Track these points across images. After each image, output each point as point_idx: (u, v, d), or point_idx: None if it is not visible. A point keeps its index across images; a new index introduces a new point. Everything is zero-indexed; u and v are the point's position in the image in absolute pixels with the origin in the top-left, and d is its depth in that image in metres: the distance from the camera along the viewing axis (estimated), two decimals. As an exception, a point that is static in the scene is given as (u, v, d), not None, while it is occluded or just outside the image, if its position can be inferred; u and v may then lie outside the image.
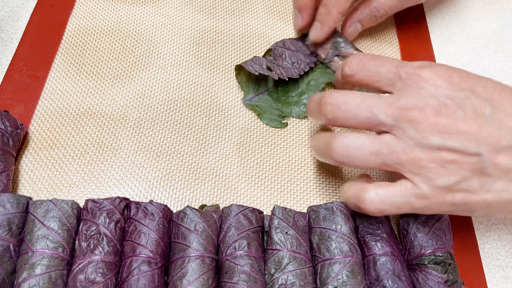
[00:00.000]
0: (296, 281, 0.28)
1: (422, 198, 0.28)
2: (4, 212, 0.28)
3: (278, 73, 0.38)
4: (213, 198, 0.35)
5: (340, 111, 0.29)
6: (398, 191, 0.28)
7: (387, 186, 0.29)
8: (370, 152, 0.28)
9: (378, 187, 0.29)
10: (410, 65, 0.29)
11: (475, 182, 0.27)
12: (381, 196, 0.28)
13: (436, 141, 0.27)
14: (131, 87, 0.39)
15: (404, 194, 0.28)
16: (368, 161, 0.28)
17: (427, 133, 0.27)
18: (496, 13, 0.48)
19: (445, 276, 0.29)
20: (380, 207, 0.28)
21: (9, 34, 0.41)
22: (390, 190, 0.28)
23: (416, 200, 0.28)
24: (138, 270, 0.27)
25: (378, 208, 0.28)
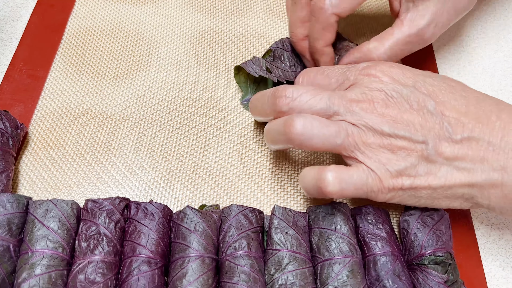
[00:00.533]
0: (296, 281, 0.28)
1: (376, 181, 0.29)
2: (4, 212, 0.28)
3: (277, 75, 0.38)
4: (213, 198, 0.35)
5: (296, 103, 0.30)
6: (355, 172, 0.29)
7: (345, 168, 0.29)
8: (330, 132, 0.29)
9: (337, 167, 0.29)
10: (355, 68, 0.32)
11: (421, 168, 0.29)
12: (341, 177, 0.29)
13: (387, 128, 0.29)
14: (131, 87, 0.39)
15: (361, 176, 0.29)
16: (328, 141, 0.29)
17: (378, 122, 0.29)
18: (496, 13, 0.48)
19: (445, 276, 0.29)
20: (341, 186, 0.29)
21: (9, 34, 0.41)
22: (348, 171, 0.29)
23: (371, 182, 0.29)
24: (138, 270, 0.27)
25: (339, 188, 0.29)
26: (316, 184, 0.29)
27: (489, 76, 0.43)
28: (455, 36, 0.46)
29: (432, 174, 0.29)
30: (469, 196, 0.30)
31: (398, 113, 0.29)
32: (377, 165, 0.29)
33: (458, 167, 0.29)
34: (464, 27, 0.47)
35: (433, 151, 0.29)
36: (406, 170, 0.29)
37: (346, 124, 0.29)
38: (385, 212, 0.32)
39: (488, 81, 0.43)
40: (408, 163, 0.29)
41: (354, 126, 0.29)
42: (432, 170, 0.29)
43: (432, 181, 0.29)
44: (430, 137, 0.29)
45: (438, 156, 0.29)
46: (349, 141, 0.29)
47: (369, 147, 0.29)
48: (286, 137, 0.30)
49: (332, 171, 0.29)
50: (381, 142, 0.29)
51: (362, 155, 0.29)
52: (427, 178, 0.29)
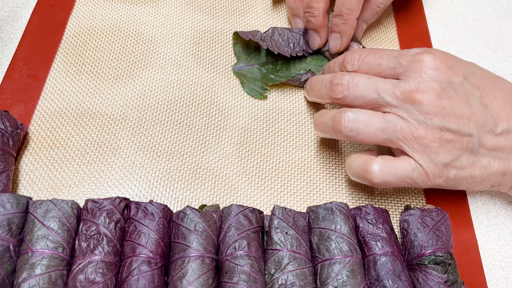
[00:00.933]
0: (296, 281, 0.28)
1: (422, 174, 0.30)
2: (4, 212, 0.28)
3: (269, 45, 0.39)
4: (213, 198, 0.35)
5: (350, 91, 0.31)
6: (401, 165, 0.30)
7: (391, 159, 0.30)
8: (377, 128, 0.30)
9: (383, 160, 0.30)
10: (408, 53, 0.31)
11: (465, 160, 0.30)
12: (386, 168, 0.30)
13: (438, 122, 0.29)
14: (131, 87, 0.39)
15: (406, 169, 0.30)
16: (375, 136, 0.30)
17: (430, 114, 0.29)
18: (496, 13, 0.48)
19: (445, 276, 0.29)
20: (385, 178, 0.30)
21: (9, 34, 0.41)
22: (394, 164, 0.30)
23: (417, 175, 0.30)
24: (138, 270, 0.27)
25: (383, 179, 0.30)
26: (362, 174, 0.31)
27: (489, 76, 0.43)
28: (455, 36, 0.46)
29: (474, 165, 0.30)
30: (498, 183, 0.32)
31: (450, 105, 0.30)
32: (425, 159, 0.30)
33: (495, 157, 0.30)
34: (464, 27, 0.47)
35: (477, 144, 0.30)
36: (452, 162, 0.30)
37: (395, 118, 0.30)
38: (385, 212, 0.32)
39: (488, 81, 0.43)
40: (454, 156, 0.30)
41: (403, 120, 0.30)
42: (474, 162, 0.30)
43: (473, 171, 0.31)
44: (476, 130, 0.30)
45: (481, 147, 0.30)
46: (397, 136, 0.30)
47: (418, 141, 0.30)
48: (335, 131, 0.31)
49: (379, 163, 0.30)
50: (431, 136, 0.29)
51: (411, 149, 0.30)
52: (469, 169, 0.30)
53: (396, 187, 0.35)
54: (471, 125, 0.30)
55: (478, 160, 0.30)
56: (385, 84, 0.31)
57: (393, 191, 0.36)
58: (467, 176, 0.31)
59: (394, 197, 0.36)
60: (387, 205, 0.35)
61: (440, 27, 0.46)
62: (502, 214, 0.36)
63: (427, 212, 0.32)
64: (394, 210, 0.35)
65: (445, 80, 0.30)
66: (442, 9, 0.48)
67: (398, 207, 0.35)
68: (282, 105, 0.40)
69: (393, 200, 0.35)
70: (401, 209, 0.35)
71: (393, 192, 0.36)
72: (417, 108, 0.30)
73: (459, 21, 0.47)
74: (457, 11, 0.48)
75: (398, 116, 0.30)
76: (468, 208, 0.36)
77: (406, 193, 0.36)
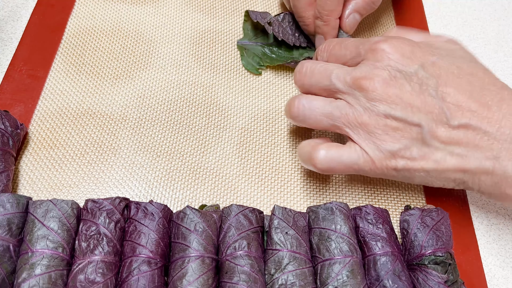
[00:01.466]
0: (296, 281, 0.28)
1: (368, 162, 0.30)
2: (4, 212, 0.28)
3: (275, 31, 0.40)
4: (213, 198, 0.35)
5: (307, 79, 0.32)
6: (346, 153, 0.30)
7: (337, 147, 0.31)
8: (323, 114, 0.31)
9: (329, 147, 0.31)
10: (369, 42, 0.32)
11: (415, 151, 0.29)
12: (331, 155, 0.30)
13: (383, 109, 0.29)
14: (131, 87, 0.39)
15: (352, 156, 0.30)
16: (321, 122, 0.31)
17: (375, 101, 0.29)
18: (496, 13, 0.48)
19: (445, 276, 0.29)
20: (330, 165, 0.30)
21: (9, 34, 0.41)
22: (339, 151, 0.30)
23: (363, 162, 0.30)
24: (138, 270, 0.27)
25: (327, 165, 0.30)
26: (308, 160, 0.31)
27: (489, 76, 0.43)
28: (455, 36, 0.46)
29: (427, 157, 0.29)
30: (460, 181, 0.30)
31: (397, 93, 0.29)
32: (371, 146, 0.30)
33: (452, 152, 0.29)
34: (464, 27, 0.47)
35: (428, 135, 0.29)
36: (400, 152, 0.29)
37: (343, 104, 0.31)
38: (385, 212, 0.32)
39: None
40: (402, 145, 0.29)
41: (350, 106, 0.30)
42: (426, 154, 0.29)
43: (425, 165, 0.30)
44: (427, 120, 0.29)
45: (434, 139, 0.29)
46: (342, 122, 0.30)
47: (363, 127, 0.30)
48: (289, 116, 0.33)
49: (324, 150, 0.30)
50: (376, 123, 0.29)
51: (357, 136, 0.30)
52: (420, 161, 0.30)
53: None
54: (421, 115, 0.29)
55: (431, 153, 0.29)
56: (339, 71, 0.31)
57: (393, 191, 0.36)
58: (419, 169, 0.30)
59: (394, 197, 0.36)
60: (387, 205, 0.35)
61: (440, 27, 0.46)
62: (502, 214, 0.36)
63: (427, 212, 0.32)
64: (394, 210, 0.35)
65: (397, 68, 0.30)
66: (442, 9, 0.48)
67: (398, 207, 0.35)
68: (282, 105, 0.40)
69: (393, 200, 0.35)
70: (401, 209, 0.35)
71: (393, 192, 0.36)
72: (364, 94, 0.30)
73: (459, 21, 0.47)
74: (457, 11, 0.48)
75: (346, 102, 0.30)
76: (468, 208, 0.36)
77: (406, 193, 0.36)
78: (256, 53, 0.41)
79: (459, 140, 0.29)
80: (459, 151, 0.29)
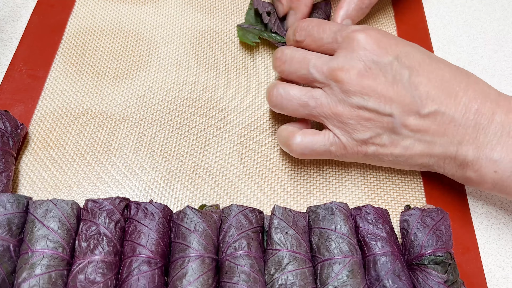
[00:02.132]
0: (296, 281, 0.28)
1: (340, 148, 0.32)
2: (4, 212, 0.28)
3: (271, 21, 0.41)
4: (213, 198, 0.35)
5: (285, 66, 0.33)
6: (321, 139, 0.32)
7: (312, 133, 0.32)
8: (299, 103, 0.32)
9: (304, 134, 0.32)
10: (347, 30, 0.32)
11: (386, 138, 0.31)
12: (306, 141, 0.32)
13: (356, 100, 0.30)
14: (131, 87, 0.39)
15: (325, 143, 0.32)
16: (297, 110, 0.32)
17: (349, 93, 0.30)
18: (496, 13, 0.48)
19: (445, 276, 0.29)
20: (304, 151, 0.32)
21: (9, 34, 0.41)
22: (314, 138, 0.32)
23: (335, 149, 0.32)
24: (138, 270, 0.27)
25: (302, 151, 0.32)
26: (285, 145, 0.33)
27: (489, 76, 0.43)
28: (455, 36, 0.46)
29: (395, 144, 0.31)
30: (427, 164, 0.32)
31: (371, 84, 0.30)
32: (343, 134, 0.31)
33: (420, 139, 0.31)
34: (464, 27, 0.47)
35: (399, 124, 0.30)
36: (371, 139, 0.31)
37: (319, 93, 0.32)
38: (385, 212, 0.32)
39: (488, 81, 0.43)
40: (373, 133, 0.31)
41: (326, 96, 0.31)
42: (396, 141, 0.31)
43: (394, 150, 0.31)
44: (398, 110, 0.30)
45: (404, 128, 0.30)
46: (317, 111, 0.32)
47: (338, 117, 0.31)
48: (269, 104, 0.34)
49: (300, 136, 0.32)
50: (349, 113, 0.31)
51: (331, 124, 0.32)
52: (390, 147, 0.31)
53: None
54: (393, 105, 0.30)
55: (401, 140, 0.31)
56: (317, 60, 0.32)
57: (393, 191, 0.36)
58: (388, 154, 0.32)
59: (394, 197, 0.36)
60: (387, 205, 0.35)
61: (440, 27, 0.46)
62: (502, 214, 0.36)
63: (427, 212, 0.32)
64: (394, 210, 0.35)
65: (372, 60, 0.30)
66: (442, 9, 0.48)
67: (398, 207, 0.35)
68: (282, 105, 0.40)
69: (393, 200, 0.35)
70: (401, 209, 0.35)
71: (393, 192, 0.36)
72: (339, 86, 0.31)
73: (459, 21, 0.47)
74: (457, 11, 0.48)
75: (322, 92, 0.32)
76: (468, 208, 0.36)
77: (406, 193, 0.36)
78: (253, 32, 0.42)
79: (427, 128, 0.30)
80: (427, 138, 0.31)
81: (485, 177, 0.30)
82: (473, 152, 0.30)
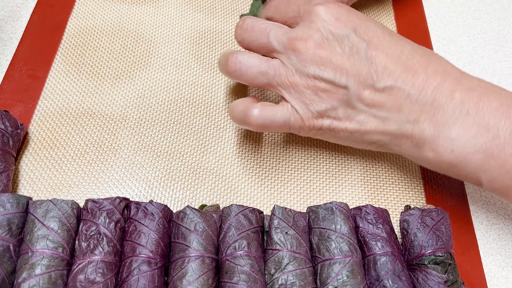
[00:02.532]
0: (296, 281, 0.28)
1: (298, 120, 0.32)
2: (4, 212, 0.28)
3: None
4: (213, 198, 0.35)
5: (247, 35, 0.33)
6: (280, 110, 0.32)
7: (271, 105, 0.32)
8: (259, 71, 0.32)
9: (263, 105, 0.32)
10: (309, 3, 0.33)
11: (341, 112, 0.31)
12: (266, 112, 0.32)
13: (313, 70, 0.30)
14: (131, 87, 0.39)
15: (284, 114, 0.32)
16: (256, 79, 0.32)
17: (306, 62, 0.30)
18: (496, 13, 0.48)
19: (445, 276, 0.29)
20: (264, 123, 0.32)
21: (9, 34, 0.41)
22: (273, 108, 0.32)
23: (293, 120, 0.32)
24: (138, 270, 0.27)
25: (261, 123, 0.32)
26: (243, 119, 0.32)
27: (489, 76, 0.43)
28: (455, 36, 0.46)
29: (350, 118, 0.31)
30: (383, 143, 0.32)
31: (328, 55, 0.30)
32: (300, 105, 0.31)
33: (374, 114, 0.30)
34: (464, 27, 0.47)
35: (354, 97, 0.30)
36: (327, 112, 0.31)
37: (278, 63, 0.32)
38: (385, 212, 0.32)
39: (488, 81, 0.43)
40: (329, 105, 0.31)
41: (284, 66, 0.31)
42: (350, 115, 0.31)
43: (349, 125, 0.31)
44: (354, 83, 0.30)
45: (359, 102, 0.30)
46: (275, 81, 0.32)
47: (294, 87, 0.31)
48: (225, 70, 0.33)
49: (258, 108, 0.32)
50: (305, 83, 0.31)
51: (288, 95, 0.31)
52: (345, 121, 0.31)
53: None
54: (349, 77, 0.30)
55: (356, 114, 0.31)
56: (277, 30, 0.32)
57: (393, 191, 0.36)
58: (343, 129, 0.31)
59: (394, 197, 0.36)
60: (387, 205, 0.35)
61: (440, 27, 0.47)
62: (502, 214, 0.36)
63: (427, 212, 0.32)
64: (394, 210, 0.35)
65: (330, 31, 0.31)
66: (442, 9, 0.48)
67: (398, 207, 0.35)
68: (282, 105, 0.40)
69: (393, 200, 0.35)
70: (401, 209, 0.35)
71: (393, 192, 0.36)
72: (296, 55, 0.31)
73: (459, 21, 0.47)
74: (457, 11, 0.48)
75: (281, 62, 0.31)
76: (468, 208, 0.36)
77: (406, 193, 0.36)
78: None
79: (382, 103, 0.30)
80: (381, 114, 0.30)
81: (442, 157, 0.29)
82: (430, 130, 0.29)
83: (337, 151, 0.38)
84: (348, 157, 0.37)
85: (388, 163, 0.37)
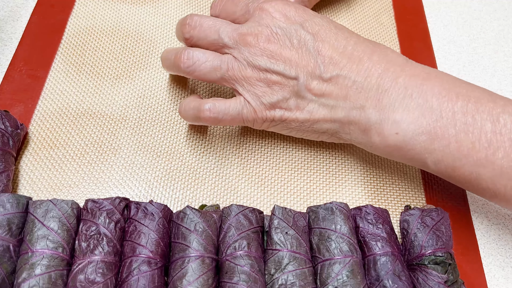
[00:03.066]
0: (296, 281, 0.28)
1: (251, 112, 0.33)
2: (4, 212, 0.28)
3: None
4: (213, 198, 0.35)
5: (195, 32, 0.34)
6: (233, 104, 0.33)
7: (224, 100, 0.33)
8: (212, 66, 0.33)
9: (215, 100, 0.33)
10: (257, 1, 0.34)
11: (292, 102, 0.32)
12: (219, 105, 0.33)
13: (264, 63, 0.32)
14: (131, 87, 0.39)
15: (237, 107, 0.33)
16: (210, 74, 0.33)
17: (257, 56, 0.32)
18: (496, 13, 0.48)
19: (445, 276, 0.29)
20: (218, 116, 0.33)
21: (9, 34, 0.41)
22: (226, 103, 0.33)
23: (246, 112, 0.33)
24: (138, 270, 0.27)
25: (215, 116, 0.33)
26: (196, 114, 0.33)
27: (489, 76, 0.43)
28: (455, 36, 0.46)
29: (300, 108, 0.32)
30: (333, 131, 0.33)
31: (278, 49, 0.32)
32: (253, 98, 0.32)
33: (323, 103, 0.32)
34: (464, 27, 0.47)
35: (303, 87, 0.31)
36: (278, 103, 0.32)
37: (229, 58, 0.33)
38: (385, 212, 0.32)
39: (488, 81, 0.43)
40: (280, 97, 0.32)
41: (236, 60, 0.32)
42: (300, 105, 0.32)
43: (299, 115, 0.32)
44: (303, 74, 0.31)
45: (308, 92, 0.31)
46: (229, 75, 0.32)
47: (247, 81, 0.32)
48: (176, 67, 0.34)
49: (210, 103, 0.33)
50: (257, 76, 0.32)
51: (241, 88, 0.33)
52: (295, 112, 0.32)
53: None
54: (298, 69, 0.31)
55: (306, 104, 0.32)
56: (227, 27, 0.33)
57: (393, 191, 0.36)
58: (294, 119, 0.32)
59: (394, 197, 0.36)
60: (387, 205, 0.35)
61: (440, 27, 0.47)
62: (502, 214, 0.36)
63: (427, 212, 0.32)
64: (394, 210, 0.35)
65: (279, 26, 0.32)
66: (442, 9, 0.48)
67: (398, 207, 0.35)
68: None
69: (393, 200, 0.36)
70: (401, 209, 0.35)
71: (393, 192, 0.36)
72: (248, 49, 0.32)
73: (459, 21, 0.47)
74: (457, 11, 0.48)
75: (232, 57, 0.32)
76: (468, 208, 0.36)
77: (406, 193, 0.36)
78: None
79: (330, 92, 0.31)
80: (329, 102, 0.31)
81: (387, 140, 0.30)
82: (376, 114, 0.30)
83: (337, 151, 0.38)
84: (348, 157, 0.37)
85: (388, 163, 0.37)
